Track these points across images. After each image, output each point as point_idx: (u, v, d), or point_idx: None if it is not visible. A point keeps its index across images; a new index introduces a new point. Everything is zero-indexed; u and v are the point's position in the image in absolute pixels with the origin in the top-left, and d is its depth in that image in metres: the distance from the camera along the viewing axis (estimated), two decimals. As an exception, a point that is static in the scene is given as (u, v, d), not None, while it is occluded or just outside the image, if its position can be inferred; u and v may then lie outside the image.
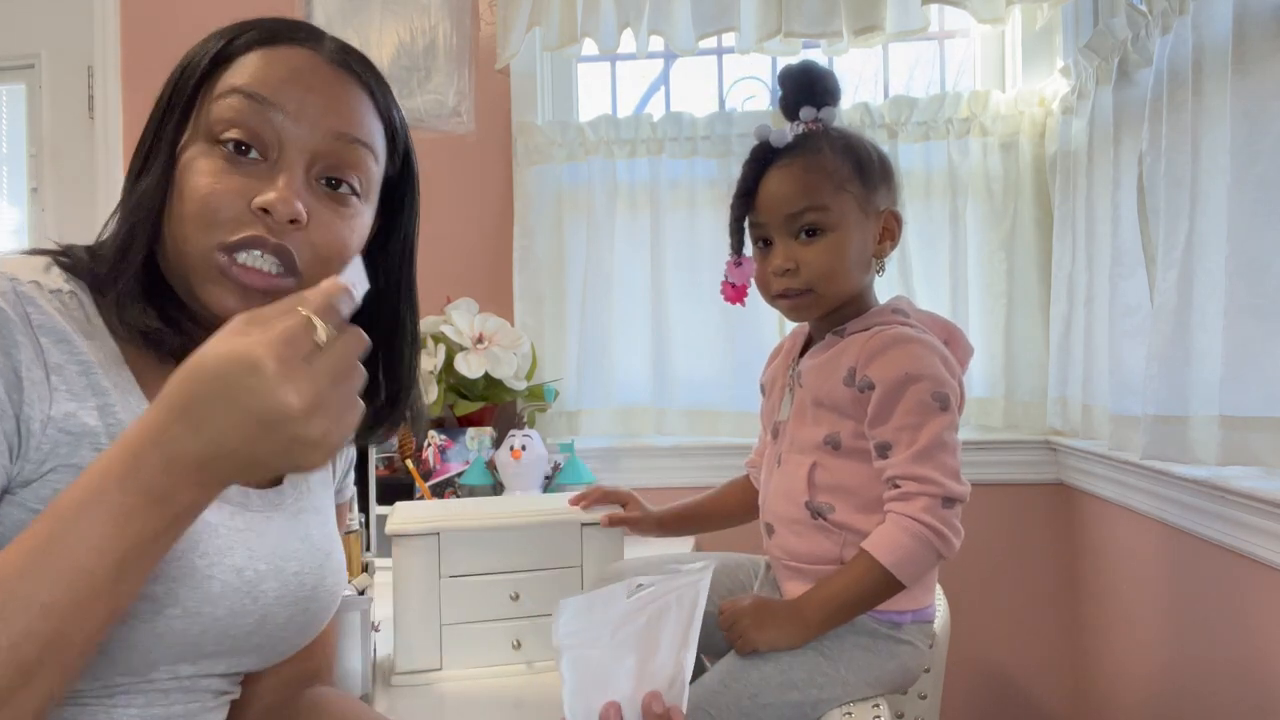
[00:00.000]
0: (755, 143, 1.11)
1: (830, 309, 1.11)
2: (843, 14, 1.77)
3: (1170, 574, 1.46)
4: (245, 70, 0.69)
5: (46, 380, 0.61)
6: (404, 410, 0.83)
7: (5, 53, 2.16)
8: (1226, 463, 1.18)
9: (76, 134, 2.13)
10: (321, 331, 0.53)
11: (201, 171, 0.66)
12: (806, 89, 1.10)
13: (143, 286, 0.68)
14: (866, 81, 2.13)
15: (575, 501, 1.26)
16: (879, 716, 1.00)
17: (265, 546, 0.71)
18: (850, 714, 1.00)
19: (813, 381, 1.10)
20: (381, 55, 1.99)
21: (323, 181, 0.70)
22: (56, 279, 0.67)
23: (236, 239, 0.66)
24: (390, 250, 0.81)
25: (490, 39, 2.05)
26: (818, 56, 2.04)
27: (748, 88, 2.12)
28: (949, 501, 1.00)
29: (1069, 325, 1.73)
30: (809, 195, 1.06)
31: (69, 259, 0.69)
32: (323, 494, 0.83)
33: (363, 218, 0.74)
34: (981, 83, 2.01)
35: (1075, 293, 1.70)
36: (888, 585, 1.00)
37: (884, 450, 1.03)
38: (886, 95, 2.06)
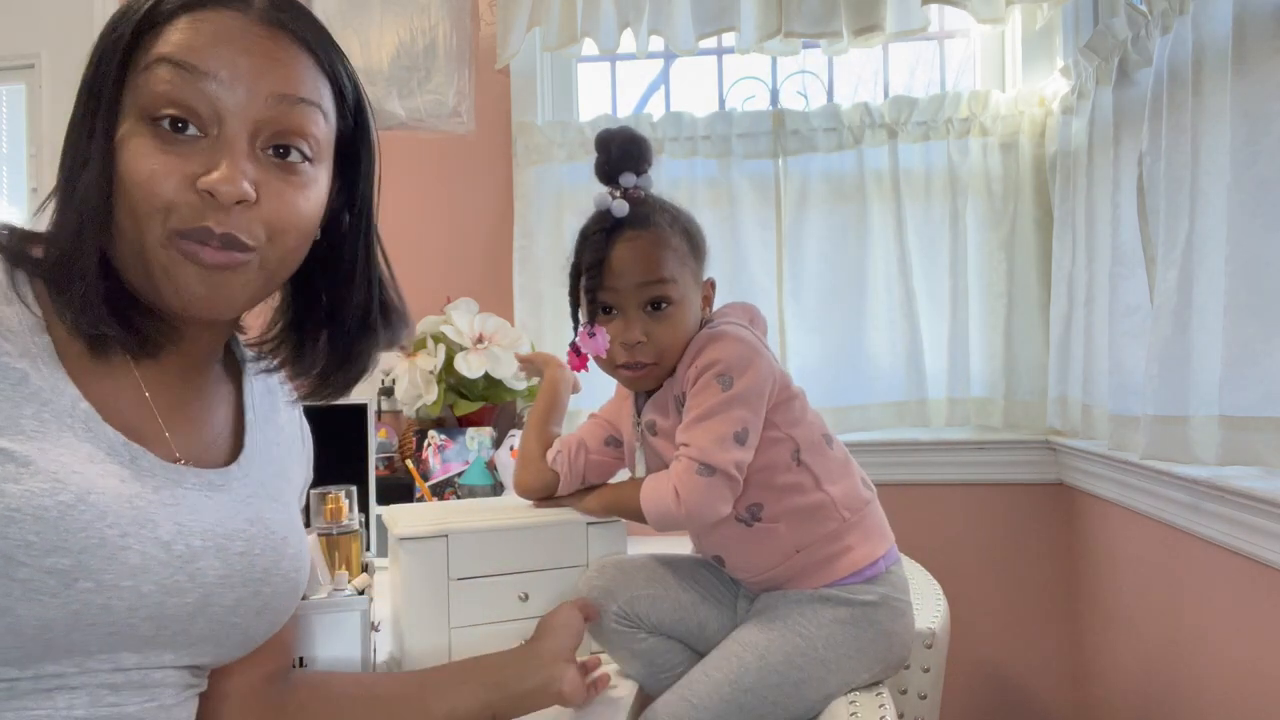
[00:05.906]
0: (596, 210, 1.09)
1: (665, 378, 1.12)
2: (843, 14, 1.77)
3: (1170, 574, 1.46)
4: (172, 38, 0.66)
5: None
6: (348, 378, 0.80)
7: (5, 53, 2.16)
8: (1226, 463, 1.18)
9: (76, 134, 2.13)
10: None
11: (139, 154, 0.64)
12: (629, 157, 1.09)
13: (100, 286, 0.65)
14: (866, 81, 2.13)
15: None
16: (883, 705, 1.00)
17: (202, 524, 0.69)
18: (855, 705, 1.00)
19: (663, 424, 1.11)
20: (381, 55, 1.99)
21: (270, 151, 0.68)
22: None
23: (186, 229, 0.64)
24: (355, 210, 0.78)
25: (490, 39, 2.05)
26: (818, 56, 2.05)
27: (748, 88, 2.12)
28: (707, 469, 1.01)
29: (1069, 325, 1.73)
30: (661, 268, 1.07)
31: None
32: (280, 484, 0.81)
33: (317, 184, 0.72)
34: (981, 83, 2.01)
35: (1075, 293, 1.70)
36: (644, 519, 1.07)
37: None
38: (886, 95, 2.06)
